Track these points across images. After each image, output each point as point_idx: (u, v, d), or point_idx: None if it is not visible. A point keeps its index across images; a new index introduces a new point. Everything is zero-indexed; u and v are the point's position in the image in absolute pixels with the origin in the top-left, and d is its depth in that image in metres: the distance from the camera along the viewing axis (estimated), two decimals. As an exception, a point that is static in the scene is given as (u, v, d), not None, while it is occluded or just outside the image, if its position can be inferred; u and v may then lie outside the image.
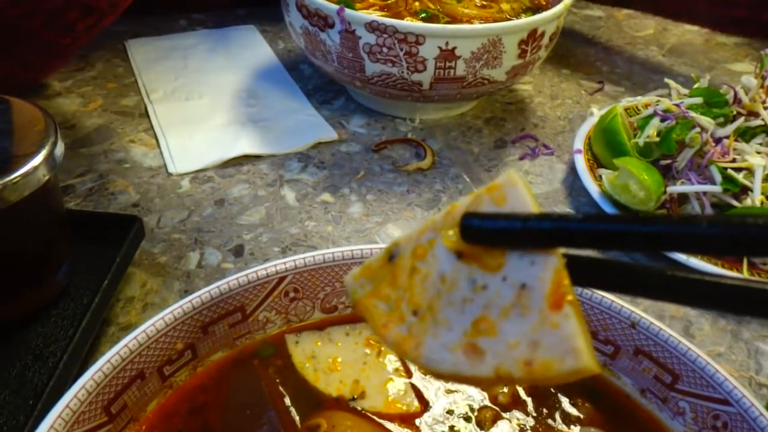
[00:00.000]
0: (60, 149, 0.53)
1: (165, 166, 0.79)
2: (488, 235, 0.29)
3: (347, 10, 0.75)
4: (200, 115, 0.87)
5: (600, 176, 0.76)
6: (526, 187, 0.30)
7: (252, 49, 1.04)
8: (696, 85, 0.82)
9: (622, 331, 0.43)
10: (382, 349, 0.45)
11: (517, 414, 0.43)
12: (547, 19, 0.79)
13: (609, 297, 0.43)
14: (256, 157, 0.81)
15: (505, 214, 0.29)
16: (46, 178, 0.51)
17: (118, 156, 0.80)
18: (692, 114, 0.75)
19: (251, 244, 0.70)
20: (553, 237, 0.28)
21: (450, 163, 0.83)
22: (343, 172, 0.80)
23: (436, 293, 0.30)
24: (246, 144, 0.82)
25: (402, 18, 0.85)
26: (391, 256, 0.32)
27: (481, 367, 0.28)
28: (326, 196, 0.77)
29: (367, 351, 0.44)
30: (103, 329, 0.59)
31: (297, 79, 0.97)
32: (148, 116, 0.87)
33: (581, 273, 0.28)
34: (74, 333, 0.54)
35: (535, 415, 0.43)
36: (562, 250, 0.28)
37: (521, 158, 0.85)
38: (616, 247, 0.27)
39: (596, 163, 0.80)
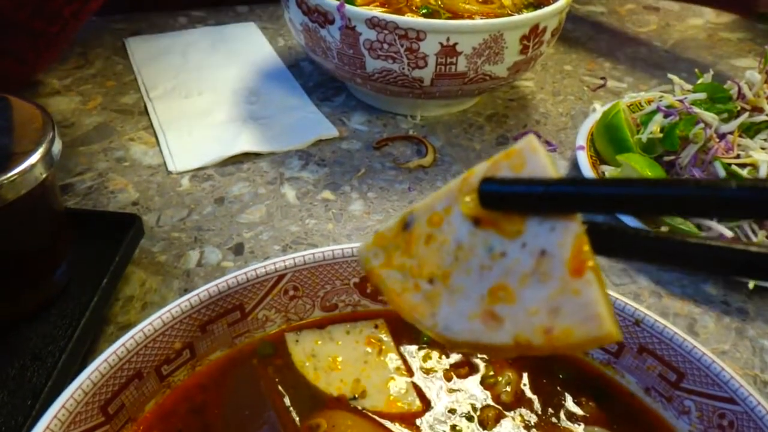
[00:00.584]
0: (57, 147, 0.53)
1: (165, 164, 0.78)
2: (508, 200, 0.28)
3: (347, 6, 0.75)
4: (200, 113, 0.87)
5: (603, 173, 0.76)
6: (546, 153, 0.29)
7: (252, 47, 1.03)
8: (699, 81, 0.82)
9: (626, 328, 0.43)
10: (383, 347, 0.44)
11: (521, 412, 0.42)
12: (549, 14, 0.78)
13: (613, 294, 0.43)
14: (256, 155, 0.81)
15: (526, 179, 0.28)
16: (44, 176, 0.51)
17: (118, 154, 0.80)
18: (696, 110, 0.74)
19: (251, 242, 0.69)
20: (575, 202, 0.27)
21: (451, 161, 0.83)
22: (344, 170, 0.80)
23: (453, 261, 0.29)
24: (246, 142, 0.81)
25: (403, 14, 0.84)
26: (406, 224, 0.32)
27: (499, 334, 0.27)
28: (327, 194, 0.76)
29: (368, 350, 0.44)
30: (102, 328, 0.59)
31: (297, 76, 0.97)
32: (147, 114, 0.87)
33: (600, 240, 0.27)
34: (73, 332, 0.53)
35: (539, 413, 0.42)
36: (582, 217, 0.28)
37: (523, 155, 0.85)
38: (638, 211, 0.26)
39: (599, 159, 0.80)
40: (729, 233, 0.67)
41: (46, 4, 0.73)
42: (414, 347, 0.45)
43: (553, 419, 0.42)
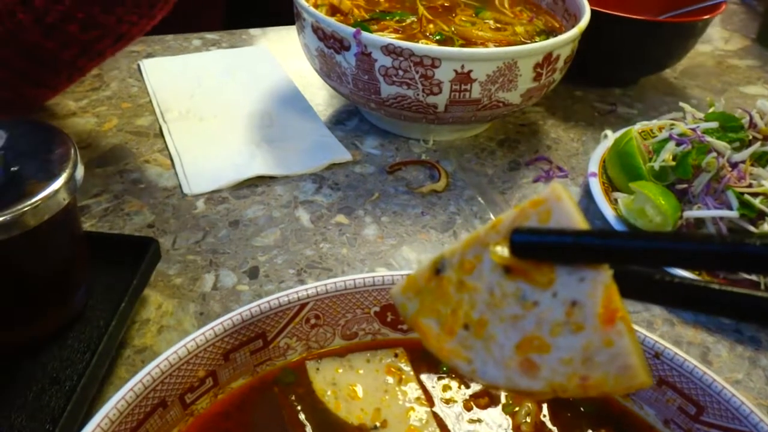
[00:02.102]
0: (80, 172, 0.53)
1: (180, 186, 0.79)
2: (538, 250, 0.29)
3: (363, 33, 0.76)
4: (215, 136, 0.88)
5: (615, 200, 0.76)
6: (570, 200, 0.30)
7: (265, 69, 1.04)
8: (711, 110, 0.82)
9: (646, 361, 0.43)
10: (403, 377, 0.44)
11: (540, 444, 0.43)
12: (562, 42, 0.79)
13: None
14: (271, 178, 0.81)
15: (556, 230, 0.29)
16: (66, 201, 0.51)
17: (134, 176, 0.80)
18: (708, 138, 0.75)
19: (266, 266, 0.70)
20: (602, 254, 0.28)
21: (464, 185, 0.83)
22: (358, 194, 0.80)
23: (486, 308, 0.30)
24: (260, 165, 0.82)
25: (416, 40, 0.85)
26: (438, 270, 0.32)
27: (536, 381, 0.28)
28: (341, 218, 0.77)
29: (389, 379, 0.44)
30: (119, 352, 0.59)
31: (310, 100, 0.98)
32: (162, 136, 0.87)
33: (627, 285, 0.28)
34: (91, 357, 0.54)
35: (558, 445, 0.43)
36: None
37: (535, 180, 0.85)
38: (666, 264, 0.27)
39: (611, 186, 0.80)
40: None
41: (94, 46, 0.74)
42: (434, 376, 0.45)
43: (573, 451, 0.42)
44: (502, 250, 0.30)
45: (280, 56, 1.09)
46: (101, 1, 0.69)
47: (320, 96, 1.00)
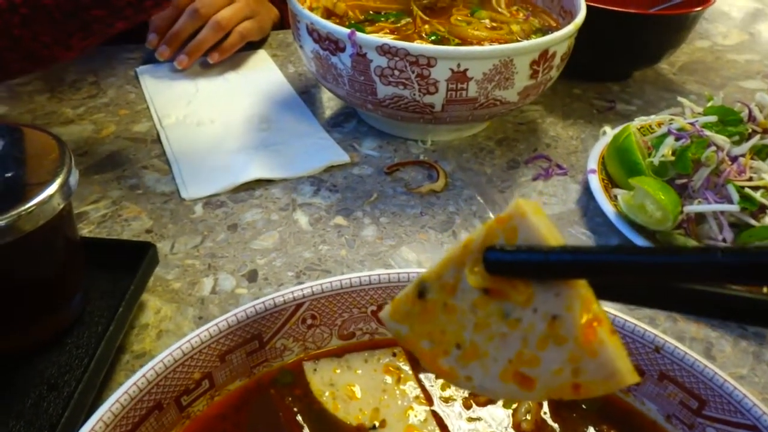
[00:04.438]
0: (75, 177, 0.53)
1: (178, 191, 0.79)
2: (512, 267, 0.29)
3: (358, 34, 0.76)
4: (212, 140, 0.87)
5: (615, 196, 0.76)
6: (536, 215, 0.30)
7: (262, 73, 1.04)
8: (710, 104, 0.82)
9: (647, 355, 0.42)
10: (402, 376, 0.44)
11: (541, 441, 0.42)
12: (558, 39, 0.79)
13: (632, 321, 0.43)
14: (269, 182, 0.81)
15: (525, 247, 0.29)
16: (61, 206, 0.51)
17: (131, 182, 0.80)
18: (707, 132, 0.75)
19: (265, 269, 0.69)
20: (575, 269, 0.28)
21: (463, 185, 0.83)
22: (356, 195, 0.80)
23: (474, 327, 0.30)
24: (258, 168, 0.82)
25: (412, 41, 0.85)
26: (420, 292, 0.32)
27: (532, 393, 0.29)
28: (339, 220, 0.76)
29: (387, 378, 0.44)
30: (118, 357, 0.59)
31: (308, 103, 0.98)
32: (160, 142, 0.87)
33: (609, 288, 0.29)
34: (89, 362, 0.53)
35: (559, 442, 0.42)
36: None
37: (534, 179, 0.85)
38: (636, 278, 0.27)
39: (611, 182, 0.80)
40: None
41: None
42: (432, 375, 0.45)
43: (574, 447, 0.42)
44: (479, 272, 0.30)
45: (277, 60, 1.09)
46: None
47: (318, 99, 1.00)
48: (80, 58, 1.03)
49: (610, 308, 0.45)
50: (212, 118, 0.92)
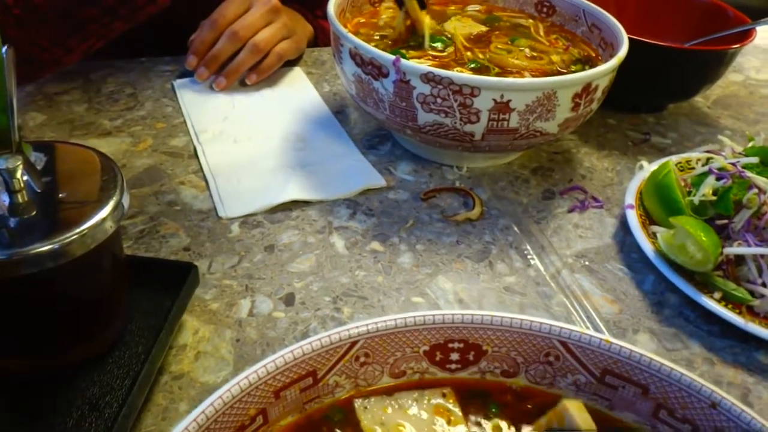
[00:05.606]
0: (126, 199, 0.53)
1: (215, 209, 0.79)
2: None
3: (402, 61, 0.76)
4: (249, 158, 0.88)
5: (654, 234, 0.75)
6: (578, 410, 0.40)
7: (298, 91, 1.04)
8: (750, 144, 0.82)
9: (702, 410, 0.42)
10: (452, 418, 0.44)
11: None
12: (602, 73, 0.79)
13: (689, 375, 0.42)
14: (305, 203, 0.81)
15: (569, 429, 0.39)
16: (113, 229, 0.51)
17: (169, 198, 0.80)
18: (749, 174, 0.74)
19: (302, 292, 0.69)
20: None
21: (499, 214, 0.83)
22: (392, 221, 0.80)
23: None
24: (295, 189, 0.82)
25: (450, 68, 0.85)
26: None
27: None
28: (376, 245, 0.76)
29: (437, 419, 0.44)
30: (156, 378, 0.59)
31: (342, 123, 0.98)
32: (197, 157, 0.87)
33: None
34: (132, 384, 0.53)
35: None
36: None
37: (570, 210, 0.85)
38: None
39: (648, 219, 0.79)
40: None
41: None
42: (482, 418, 0.45)
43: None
44: None
45: (312, 78, 1.09)
46: None
47: (352, 119, 1.00)
48: (117, 70, 1.04)
49: (664, 359, 0.44)
50: (249, 135, 0.92)
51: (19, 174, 0.47)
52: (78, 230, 0.48)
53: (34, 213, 0.49)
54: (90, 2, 0.75)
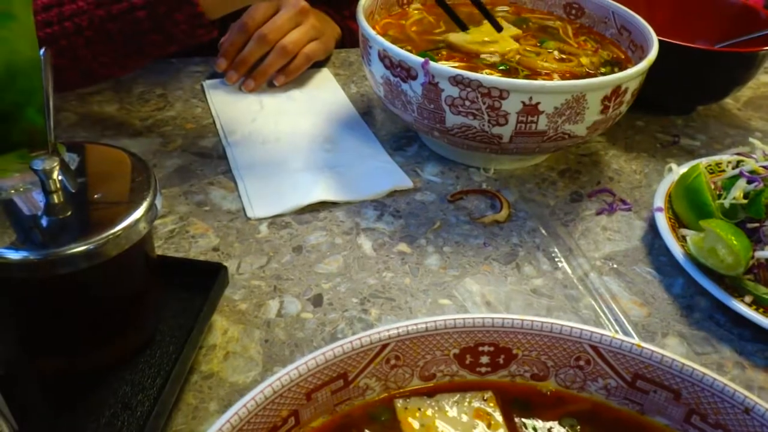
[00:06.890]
0: (160, 200, 0.54)
1: (243, 209, 0.80)
2: None
3: (431, 63, 0.76)
4: (277, 159, 0.88)
5: (683, 237, 0.75)
6: None
7: (326, 93, 1.05)
8: (783, 146, 0.81)
9: (735, 416, 0.42)
10: (492, 422, 0.44)
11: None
12: (631, 75, 0.78)
13: (721, 380, 0.42)
14: (333, 204, 0.81)
15: None
16: (146, 230, 0.52)
17: (198, 198, 0.81)
18: (781, 177, 0.73)
19: (330, 293, 0.70)
20: None
21: (526, 216, 0.82)
22: (419, 222, 0.80)
23: None
24: (323, 190, 0.82)
25: (479, 69, 0.85)
26: None
27: None
28: (403, 247, 0.76)
29: (477, 423, 0.44)
30: (187, 377, 0.60)
31: (369, 124, 0.98)
32: (226, 158, 0.88)
33: None
34: (163, 383, 0.54)
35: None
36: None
37: (598, 213, 0.84)
38: None
39: (677, 222, 0.79)
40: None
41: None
42: (524, 421, 0.45)
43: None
44: None
45: (340, 79, 1.10)
46: None
47: (379, 120, 1.00)
48: (148, 70, 1.05)
49: (695, 364, 0.44)
50: (277, 136, 0.93)
51: (55, 175, 0.48)
52: (112, 231, 0.49)
53: (69, 213, 0.50)
54: (155, 30, 0.78)
